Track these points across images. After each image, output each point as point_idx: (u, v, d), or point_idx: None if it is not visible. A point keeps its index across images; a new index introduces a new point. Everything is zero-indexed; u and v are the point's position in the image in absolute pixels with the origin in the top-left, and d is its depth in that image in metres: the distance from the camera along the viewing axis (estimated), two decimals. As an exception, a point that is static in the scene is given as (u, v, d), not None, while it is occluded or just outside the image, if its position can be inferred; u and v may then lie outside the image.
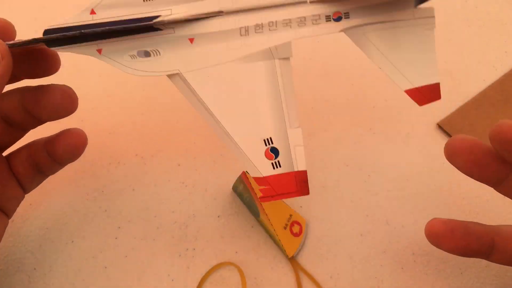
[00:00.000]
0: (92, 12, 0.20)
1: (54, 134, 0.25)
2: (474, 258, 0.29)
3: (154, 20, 0.20)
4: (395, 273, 0.29)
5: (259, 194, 0.22)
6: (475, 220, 0.32)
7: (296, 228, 0.29)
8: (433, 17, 0.23)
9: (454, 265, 0.30)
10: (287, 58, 0.22)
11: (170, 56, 0.21)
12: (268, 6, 0.22)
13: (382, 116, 0.36)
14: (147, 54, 0.21)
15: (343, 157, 0.34)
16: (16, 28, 0.23)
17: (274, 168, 0.22)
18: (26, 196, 0.27)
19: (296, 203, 0.31)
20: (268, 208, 0.29)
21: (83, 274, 0.28)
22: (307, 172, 0.22)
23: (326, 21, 0.23)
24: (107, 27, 0.20)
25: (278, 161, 0.22)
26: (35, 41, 0.20)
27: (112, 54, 0.21)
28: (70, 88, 0.23)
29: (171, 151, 0.33)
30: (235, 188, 0.31)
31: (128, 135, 0.34)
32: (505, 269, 0.29)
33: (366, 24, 0.23)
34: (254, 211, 0.30)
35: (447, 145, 0.24)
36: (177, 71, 0.21)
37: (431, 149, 0.34)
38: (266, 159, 0.22)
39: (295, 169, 0.22)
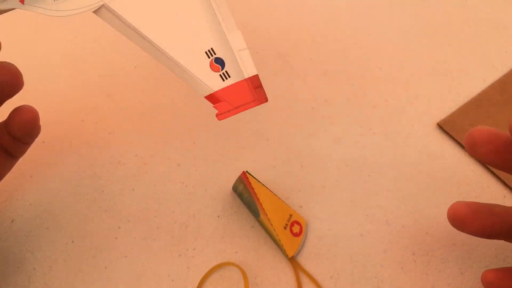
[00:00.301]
0: None
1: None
2: (475, 258, 0.29)
3: None
4: (395, 273, 0.29)
5: (215, 112, 0.21)
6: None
7: (296, 228, 0.29)
8: None
9: (454, 265, 0.30)
10: None
11: None
12: None
13: (382, 116, 0.36)
14: None
15: (343, 157, 0.34)
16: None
17: (223, 80, 0.20)
18: (26, 196, 0.27)
19: (296, 203, 0.31)
20: (268, 208, 0.29)
21: (83, 274, 0.28)
22: (259, 76, 0.21)
23: None
24: None
25: (226, 72, 0.20)
26: None
27: (34, 1, 0.20)
28: (11, 64, 0.23)
29: (171, 151, 0.33)
30: (235, 188, 0.31)
31: (128, 135, 0.34)
32: (505, 269, 0.29)
33: None
34: (254, 211, 0.30)
35: (467, 137, 0.24)
36: (102, 3, 0.20)
37: (431, 149, 0.34)
38: (212, 72, 0.20)
39: (246, 76, 0.21)
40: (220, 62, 0.21)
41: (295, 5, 0.43)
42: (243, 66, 0.21)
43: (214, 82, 0.20)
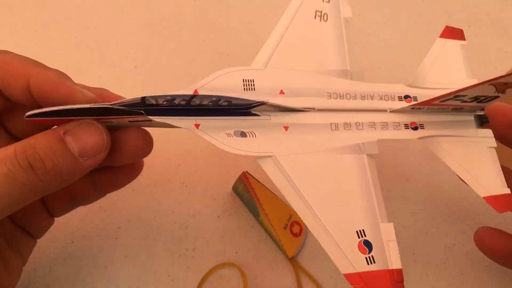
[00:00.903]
0: (195, 92, 0.21)
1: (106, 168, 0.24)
2: (475, 258, 0.29)
3: (256, 106, 0.22)
4: (395, 273, 0.29)
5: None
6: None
7: (296, 228, 0.29)
8: (493, 137, 0.27)
9: (454, 265, 0.30)
10: (373, 155, 0.24)
11: (265, 139, 0.22)
12: (353, 109, 0.25)
13: (382, 116, 0.36)
14: (243, 134, 0.22)
15: (343, 157, 0.34)
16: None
17: (368, 263, 0.21)
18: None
19: (296, 203, 0.31)
20: (268, 208, 0.29)
21: (83, 274, 0.28)
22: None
23: (405, 128, 0.25)
24: (212, 101, 0.21)
25: (372, 256, 0.21)
26: (136, 109, 0.20)
27: (209, 130, 0.21)
28: (145, 131, 0.23)
29: (171, 151, 0.33)
30: (235, 188, 0.31)
31: (128, 135, 0.34)
32: (504, 270, 0.29)
33: (439, 136, 0.26)
34: (254, 211, 0.30)
35: (486, 111, 0.26)
36: (271, 154, 0.22)
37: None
38: (359, 253, 0.21)
39: (390, 267, 0.21)
40: (368, 245, 0.21)
41: None
42: (389, 257, 0.21)
43: (359, 263, 0.20)
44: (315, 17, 0.27)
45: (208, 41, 0.39)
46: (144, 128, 0.23)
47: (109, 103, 0.20)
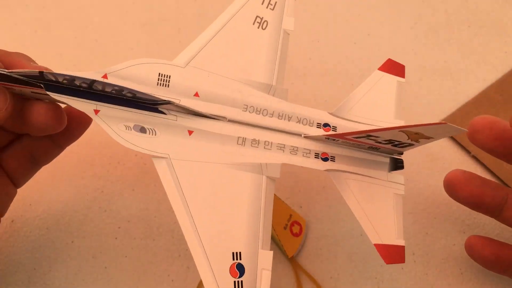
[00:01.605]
0: (105, 76, 0.20)
1: None
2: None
3: (163, 104, 0.21)
4: (395, 273, 0.29)
5: None
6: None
7: (296, 228, 0.29)
8: (403, 184, 0.26)
9: (454, 265, 0.30)
10: (274, 179, 0.23)
11: (165, 139, 0.21)
12: (267, 127, 0.23)
13: (382, 116, 0.36)
14: (143, 130, 0.21)
15: (343, 157, 0.34)
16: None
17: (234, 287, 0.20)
18: (26, 196, 0.27)
19: (296, 203, 0.31)
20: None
21: (83, 274, 0.28)
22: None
23: (315, 157, 0.24)
24: (115, 90, 0.20)
25: (241, 282, 0.20)
26: (35, 81, 0.19)
27: (108, 118, 0.20)
28: (56, 107, 0.22)
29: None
30: (235, 188, 0.31)
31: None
32: (505, 269, 0.29)
33: (347, 172, 0.25)
34: (254, 211, 0.30)
35: (469, 125, 0.26)
36: (167, 156, 0.21)
37: (431, 149, 0.34)
38: (229, 275, 0.20)
39: None
40: (241, 269, 0.20)
41: (294, 5, 0.43)
42: (259, 286, 0.20)
43: (224, 285, 0.19)
44: (253, 23, 0.25)
45: (208, 41, 0.39)
46: (58, 103, 0.22)
47: (6, 70, 0.19)
